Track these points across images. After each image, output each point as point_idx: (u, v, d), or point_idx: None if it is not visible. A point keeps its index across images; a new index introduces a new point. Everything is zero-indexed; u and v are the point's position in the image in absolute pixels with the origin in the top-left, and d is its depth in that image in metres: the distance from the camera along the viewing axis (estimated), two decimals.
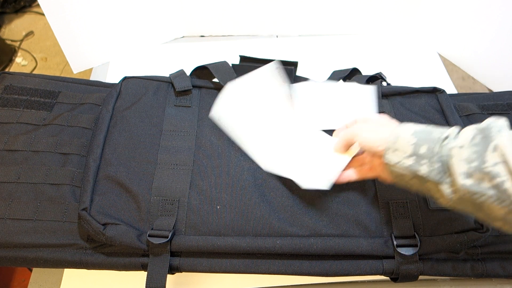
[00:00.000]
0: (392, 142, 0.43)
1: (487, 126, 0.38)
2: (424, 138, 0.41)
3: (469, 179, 0.37)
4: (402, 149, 0.42)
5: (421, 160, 0.41)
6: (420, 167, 0.41)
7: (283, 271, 0.51)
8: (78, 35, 0.81)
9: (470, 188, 0.37)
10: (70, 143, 0.57)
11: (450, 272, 0.52)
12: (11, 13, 1.98)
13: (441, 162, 0.39)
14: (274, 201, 0.53)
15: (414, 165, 0.41)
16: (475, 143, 0.37)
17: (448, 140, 0.40)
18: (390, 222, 0.52)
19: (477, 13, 0.83)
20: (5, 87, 0.62)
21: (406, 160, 0.42)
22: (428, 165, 0.40)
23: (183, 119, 0.60)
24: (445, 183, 0.39)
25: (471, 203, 0.38)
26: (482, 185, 0.36)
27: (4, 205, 0.51)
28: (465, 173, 0.37)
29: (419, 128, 0.43)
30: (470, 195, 0.37)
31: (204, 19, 0.92)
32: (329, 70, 0.69)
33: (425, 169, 0.40)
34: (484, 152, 0.36)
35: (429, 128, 0.43)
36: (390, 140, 0.44)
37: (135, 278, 0.56)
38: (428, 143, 0.41)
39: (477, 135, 0.38)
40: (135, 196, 0.52)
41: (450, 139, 0.40)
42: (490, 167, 0.35)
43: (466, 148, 0.37)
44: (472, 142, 0.38)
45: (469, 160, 0.37)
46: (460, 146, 0.38)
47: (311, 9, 0.90)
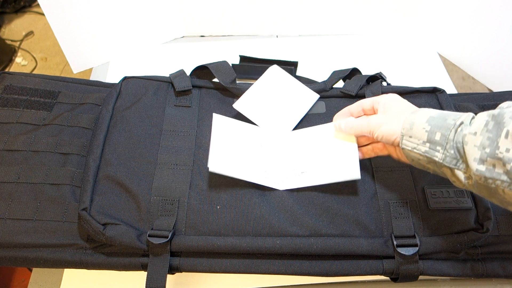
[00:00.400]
0: (408, 128, 0.45)
1: (500, 113, 0.38)
2: (438, 124, 0.42)
3: (483, 165, 0.38)
4: (417, 135, 0.44)
5: (436, 147, 0.42)
6: (435, 153, 0.42)
7: (283, 271, 0.51)
8: (78, 35, 0.81)
9: (484, 173, 0.37)
10: (70, 143, 0.57)
11: (450, 272, 0.52)
12: (11, 13, 1.98)
13: (456, 148, 0.40)
14: (274, 201, 0.53)
15: (429, 151, 0.43)
16: (488, 129, 0.38)
17: (463, 127, 0.40)
18: (390, 222, 0.52)
19: (477, 13, 0.83)
20: (5, 87, 0.62)
21: (422, 147, 0.43)
22: (442, 152, 0.41)
23: (183, 119, 0.60)
24: (460, 169, 0.40)
25: (485, 188, 0.39)
26: (495, 170, 0.37)
27: (4, 205, 0.51)
28: (479, 159, 0.38)
29: (434, 114, 0.44)
30: (484, 181, 0.38)
31: (204, 19, 0.92)
32: (329, 70, 0.69)
33: (440, 156, 0.42)
34: (497, 138, 0.37)
35: (444, 114, 0.43)
36: (406, 127, 0.45)
37: (135, 278, 0.56)
38: (442, 130, 0.42)
39: (490, 122, 0.38)
40: (135, 196, 0.52)
41: (465, 125, 0.40)
42: (503, 152, 0.36)
43: (479, 135, 0.38)
44: (485, 129, 0.38)
45: (482, 146, 0.38)
46: (474, 132, 0.39)
47: (311, 9, 0.90)
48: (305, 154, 0.57)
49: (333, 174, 0.53)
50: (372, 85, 0.65)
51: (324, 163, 0.54)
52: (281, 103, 0.63)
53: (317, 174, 0.54)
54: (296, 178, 0.55)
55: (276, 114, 0.62)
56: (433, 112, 0.44)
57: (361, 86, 0.64)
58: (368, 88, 0.64)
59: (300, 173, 0.55)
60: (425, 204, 0.53)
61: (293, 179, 0.55)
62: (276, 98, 0.64)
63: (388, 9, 0.90)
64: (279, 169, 0.56)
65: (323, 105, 0.64)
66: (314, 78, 0.76)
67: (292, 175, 0.55)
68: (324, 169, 0.54)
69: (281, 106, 0.63)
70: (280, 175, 0.55)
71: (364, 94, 0.64)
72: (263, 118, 0.61)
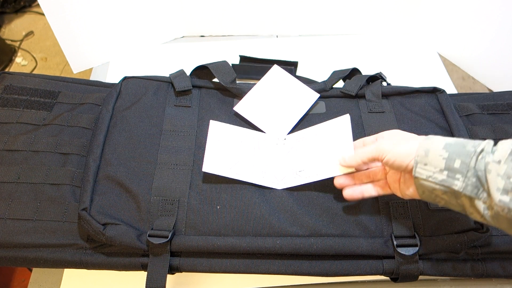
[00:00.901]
0: (422, 156, 0.41)
1: None
2: (457, 151, 0.40)
3: (507, 195, 0.36)
4: (433, 163, 0.41)
5: (455, 175, 0.39)
6: (454, 182, 0.39)
7: (283, 271, 0.51)
8: (78, 35, 0.81)
9: (508, 204, 0.35)
10: (70, 143, 0.57)
11: (450, 272, 0.52)
12: (11, 13, 1.98)
13: (477, 176, 0.38)
14: (274, 201, 0.53)
15: (447, 180, 0.40)
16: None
17: (484, 154, 0.38)
18: (390, 222, 0.52)
19: (477, 13, 0.83)
20: (5, 87, 0.62)
21: (438, 175, 0.40)
22: (462, 180, 0.39)
23: (183, 119, 0.60)
24: (480, 199, 0.38)
25: (507, 220, 0.37)
26: None
27: (4, 205, 0.51)
28: (502, 189, 0.36)
29: (450, 141, 0.41)
30: (508, 212, 0.36)
31: (204, 19, 0.92)
32: (329, 70, 0.69)
33: (459, 184, 0.39)
34: None
35: (461, 141, 0.41)
36: (420, 154, 0.42)
37: (135, 278, 0.56)
38: (462, 157, 0.39)
39: None
40: (135, 196, 0.52)
41: (486, 152, 0.38)
42: None
43: (504, 163, 0.36)
44: (510, 158, 0.36)
45: (507, 176, 0.36)
46: (498, 161, 0.37)
47: (311, 9, 0.90)
48: (302, 154, 0.57)
49: (331, 169, 0.52)
50: (372, 85, 0.65)
51: (321, 160, 0.54)
52: (281, 103, 0.63)
53: (314, 171, 0.54)
54: (294, 177, 0.55)
55: (276, 115, 0.62)
56: (448, 138, 0.42)
57: (361, 86, 0.64)
58: (368, 88, 0.64)
59: (298, 171, 0.55)
60: (425, 204, 0.53)
61: (291, 178, 0.55)
62: (276, 99, 0.64)
63: (388, 9, 0.90)
64: (276, 169, 0.56)
65: (323, 105, 0.64)
66: (314, 78, 0.76)
67: (289, 174, 0.55)
68: (322, 166, 0.54)
69: (280, 107, 0.63)
70: (277, 175, 0.55)
71: (364, 94, 0.64)
72: (263, 120, 0.61)
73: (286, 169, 0.56)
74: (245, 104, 0.62)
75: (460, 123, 0.59)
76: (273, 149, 0.58)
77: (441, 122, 0.61)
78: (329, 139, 0.56)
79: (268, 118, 0.62)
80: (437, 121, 0.61)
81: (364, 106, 0.63)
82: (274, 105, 0.63)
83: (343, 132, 0.55)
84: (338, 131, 0.56)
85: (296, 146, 0.58)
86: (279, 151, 0.58)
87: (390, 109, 0.63)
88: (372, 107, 0.63)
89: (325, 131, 0.57)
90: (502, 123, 0.62)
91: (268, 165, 0.56)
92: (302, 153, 0.57)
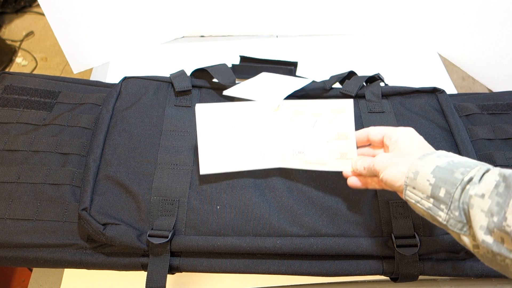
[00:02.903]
0: (411, 179, 0.38)
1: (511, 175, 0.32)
2: (443, 178, 0.35)
3: (490, 236, 0.31)
4: (420, 188, 0.37)
5: (440, 205, 0.35)
6: (439, 212, 0.35)
7: (283, 271, 0.51)
8: (78, 35, 0.81)
9: (491, 247, 0.31)
10: (70, 143, 0.57)
11: (450, 272, 0.52)
12: (11, 13, 1.98)
13: (462, 210, 0.34)
14: (274, 201, 0.53)
15: (433, 209, 0.36)
16: (498, 192, 0.32)
17: (472, 184, 0.34)
18: (390, 222, 0.52)
19: (477, 13, 0.83)
20: (5, 87, 0.62)
21: (425, 202, 0.37)
22: (446, 212, 0.35)
23: (183, 119, 0.60)
24: (466, 235, 0.34)
25: (496, 264, 0.32)
26: (504, 246, 0.30)
27: (4, 205, 0.51)
28: (486, 228, 0.31)
29: (442, 163, 0.37)
30: (492, 256, 0.32)
31: (204, 19, 0.92)
32: (329, 70, 0.69)
33: (443, 216, 0.35)
34: (505, 207, 0.30)
35: (453, 165, 0.36)
36: (409, 176, 0.38)
37: (135, 278, 0.56)
38: (447, 186, 0.35)
39: (501, 183, 0.32)
40: (135, 196, 0.52)
41: (474, 183, 0.34)
42: (510, 226, 0.30)
43: (488, 198, 0.32)
44: (495, 191, 0.32)
45: (490, 213, 0.31)
46: (481, 194, 0.32)
47: (311, 9, 0.90)
48: (301, 132, 0.53)
49: (331, 163, 0.51)
50: (372, 85, 0.65)
51: (322, 148, 0.52)
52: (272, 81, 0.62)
53: (314, 159, 0.52)
54: (293, 157, 0.53)
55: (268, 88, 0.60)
56: (442, 160, 0.37)
57: (360, 87, 0.64)
58: (368, 88, 0.64)
59: (298, 152, 0.53)
60: None
61: (290, 158, 0.53)
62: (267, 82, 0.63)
63: (388, 9, 0.90)
64: (275, 148, 0.54)
65: None
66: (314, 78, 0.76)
67: (289, 154, 0.53)
68: (321, 156, 0.52)
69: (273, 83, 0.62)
70: (276, 154, 0.54)
71: (364, 94, 0.64)
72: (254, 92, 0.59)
73: (285, 146, 0.54)
74: (235, 88, 0.61)
75: (460, 123, 0.59)
76: (270, 119, 0.54)
77: (441, 122, 0.61)
78: (329, 124, 0.52)
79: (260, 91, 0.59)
80: (437, 121, 0.61)
81: (364, 106, 0.63)
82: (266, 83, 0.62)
83: (345, 119, 0.51)
84: (340, 117, 0.52)
85: (295, 119, 0.54)
86: (276, 121, 0.54)
87: (390, 109, 0.63)
88: (372, 107, 0.63)
89: (326, 112, 0.52)
90: (502, 123, 0.62)
91: (265, 142, 0.54)
92: (301, 131, 0.54)
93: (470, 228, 0.33)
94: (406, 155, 0.41)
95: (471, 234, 0.33)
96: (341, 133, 0.51)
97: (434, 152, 0.39)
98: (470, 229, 0.33)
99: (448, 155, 0.38)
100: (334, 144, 0.51)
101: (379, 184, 0.46)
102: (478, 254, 0.34)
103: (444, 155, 0.38)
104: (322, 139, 0.52)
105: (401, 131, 0.45)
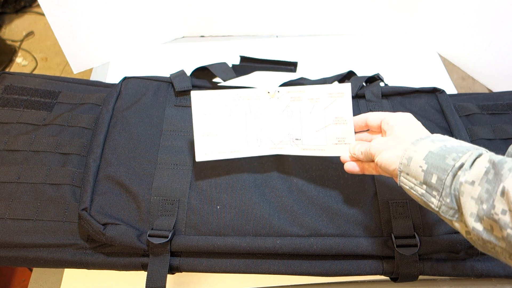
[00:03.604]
0: (405, 164, 0.38)
1: (501, 161, 0.31)
2: (435, 164, 0.35)
3: (480, 223, 0.31)
4: (414, 174, 0.37)
5: (432, 191, 0.35)
6: (431, 199, 0.35)
7: (283, 271, 0.51)
8: (78, 35, 0.81)
9: (481, 234, 0.31)
10: (70, 143, 0.57)
11: (450, 272, 0.52)
12: (12, 13, 1.98)
13: (453, 196, 0.33)
14: (274, 201, 0.53)
15: (425, 195, 0.36)
16: (488, 179, 0.31)
17: (463, 171, 0.33)
18: (390, 222, 0.52)
19: (477, 13, 0.83)
20: (5, 87, 0.62)
21: (419, 188, 0.37)
22: (438, 199, 0.35)
23: (183, 119, 0.60)
24: (458, 222, 0.34)
25: (487, 250, 0.32)
26: (493, 233, 0.30)
27: (4, 205, 0.51)
28: (476, 215, 0.31)
29: (434, 148, 0.36)
30: (483, 243, 0.32)
31: (204, 19, 0.92)
32: (329, 70, 0.69)
33: (435, 203, 0.35)
34: (494, 194, 0.30)
35: (445, 151, 0.36)
36: (403, 162, 0.38)
37: (135, 278, 0.56)
38: (439, 172, 0.35)
39: (491, 170, 0.31)
40: (135, 196, 0.52)
41: (464, 169, 0.33)
42: (498, 214, 0.29)
43: (478, 185, 0.31)
44: (485, 178, 0.31)
45: (480, 200, 0.31)
46: (471, 181, 0.32)
47: (311, 9, 0.90)
48: (299, 118, 0.53)
49: (328, 148, 0.51)
50: (372, 85, 0.65)
51: (319, 134, 0.52)
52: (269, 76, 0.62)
53: (311, 145, 0.52)
54: (291, 144, 0.53)
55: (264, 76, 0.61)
56: (435, 145, 0.37)
57: (360, 87, 0.64)
58: (368, 88, 0.64)
59: (295, 139, 0.53)
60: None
61: (287, 144, 0.53)
62: None
63: (388, 9, 0.90)
64: (272, 135, 0.53)
65: None
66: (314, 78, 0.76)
67: (286, 140, 0.53)
68: (319, 141, 0.51)
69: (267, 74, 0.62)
70: (273, 141, 0.53)
71: (364, 94, 0.64)
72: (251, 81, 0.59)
73: (282, 133, 0.53)
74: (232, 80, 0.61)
75: (460, 123, 0.59)
76: (267, 106, 0.54)
77: (441, 122, 0.61)
78: (327, 109, 0.51)
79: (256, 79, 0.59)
80: (437, 121, 0.61)
81: (364, 106, 0.63)
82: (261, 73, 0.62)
83: (343, 103, 0.50)
84: (338, 101, 0.51)
85: (292, 106, 0.53)
86: (273, 108, 0.54)
87: (390, 109, 0.63)
88: (372, 107, 0.63)
89: (323, 97, 0.52)
90: (502, 123, 0.62)
91: (262, 129, 0.53)
92: (299, 117, 0.53)
93: (462, 215, 0.33)
94: (402, 139, 0.41)
95: (463, 221, 0.33)
96: (339, 118, 0.51)
97: (428, 137, 0.39)
98: (461, 216, 0.33)
99: (442, 139, 0.38)
100: (331, 129, 0.51)
101: (376, 170, 0.46)
102: (471, 240, 0.34)
103: (438, 139, 0.38)
104: (319, 125, 0.52)
105: (399, 116, 0.44)
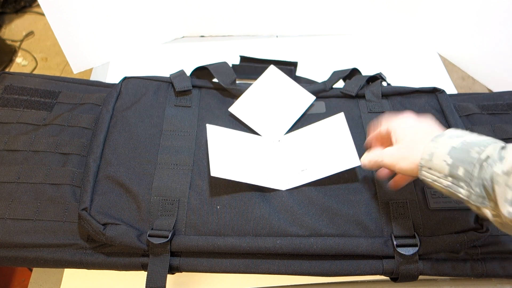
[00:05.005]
0: (427, 160, 0.41)
1: None
2: (461, 158, 0.38)
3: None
4: (437, 168, 0.40)
5: (459, 182, 0.38)
6: (459, 189, 0.39)
7: (283, 271, 0.51)
8: (78, 35, 0.81)
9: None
10: (70, 143, 0.57)
11: (450, 272, 0.52)
12: (11, 13, 1.98)
13: (482, 186, 0.37)
14: (274, 201, 0.53)
15: (452, 186, 0.39)
16: None
17: (490, 162, 0.36)
18: (390, 222, 0.52)
19: (477, 13, 0.83)
20: (5, 87, 0.62)
21: (443, 180, 0.40)
22: (467, 189, 0.38)
23: (183, 119, 0.60)
24: (487, 207, 0.37)
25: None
26: None
27: (4, 205, 0.51)
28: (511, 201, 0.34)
29: (456, 144, 0.40)
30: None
31: (204, 19, 0.92)
32: (329, 70, 0.69)
33: (464, 193, 0.38)
34: None
35: (467, 145, 0.39)
36: (425, 158, 0.41)
37: (135, 278, 0.56)
38: (466, 165, 0.38)
39: None
40: (135, 196, 0.52)
41: (493, 161, 0.36)
42: None
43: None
44: None
45: None
46: (507, 172, 0.35)
47: (311, 9, 0.90)
48: (302, 153, 0.57)
49: (334, 166, 0.53)
50: (372, 85, 0.65)
51: (323, 158, 0.55)
52: (276, 105, 0.64)
53: (317, 170, 0.54)
54: (297, 176, 0.55)
55: (271, 117, 0.62)
56: (455, 141, 0.40)
57: (361, 86, 0.64)
58: (368, 88, 0.64)
59: (301, 171, 0.55)
60: (425, 204, 0.53)
61: (294, 178, 0.55)
62: (271, 100, 0.64)
63: (388, 9, 0.90)
64: (279, 170, 0.56)
65: (323, 105, 0.64)
66: (314, 78, 0.76)
67: (293, 174, 0.55)
68: (324, 163, 0.54)
69: (276, 109, 0.63)
70: (281, 176, 0.55)
71: (364, 94, 0.64)
72: (258, 122, 0.62)
73: (288, 169, 0.56)
74: (240, 105, 0.62)
75: (460, 123, 0.59)
76: (270, 150, 0.59)
77: (441, 122, 0.61)
78: (327, 137, 0.57)
79: (263, 120, 0.62)
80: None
81: (364, 106, 0.63)
82: (270, 107, 0.64)
83: (341, 130, 0.56)
84: (336, 129, 0.56)
85: (294, 146, 0.58)
86: (276, 151, 0.58)
87: (390, 109, 0.63)
88: (372, 107, 0.63)
89: (322, 129, 0.58)
90: (502, 123, 0.62)
91: (270, 166, 0.56)
92: (302, 153, 0.57)
93: (491, 201, 0.37)
94: (413, 145, 0.44)
95: (491, 206, 0.37)
96: (338, 139, 0.55)
97: (444, 134, 0.42)
98: (491, 202, 0.37)
99: (459, 135, 0.41)
100: (333, 151, 0.55)
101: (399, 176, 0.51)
102: (497, 222, 0.38)
103: (456, 135, 0.41)
104: (321, 151, 0.56)
105: (401, 122, 0.47)
